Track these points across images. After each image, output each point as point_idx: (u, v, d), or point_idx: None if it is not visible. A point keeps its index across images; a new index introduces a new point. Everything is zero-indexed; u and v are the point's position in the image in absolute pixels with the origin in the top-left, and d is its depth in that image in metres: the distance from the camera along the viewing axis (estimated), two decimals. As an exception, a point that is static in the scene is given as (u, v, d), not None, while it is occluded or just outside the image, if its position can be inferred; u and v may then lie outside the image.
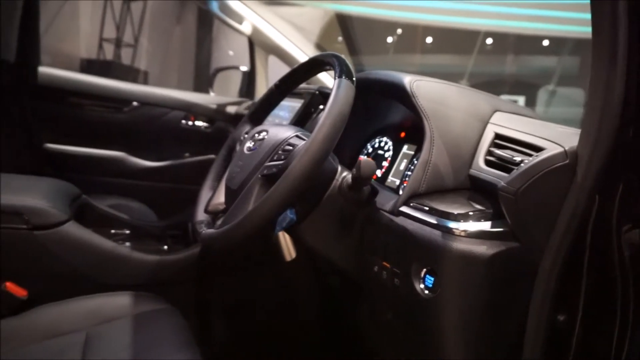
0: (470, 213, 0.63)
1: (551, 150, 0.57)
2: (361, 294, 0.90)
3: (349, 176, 0.75)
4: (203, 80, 6.63)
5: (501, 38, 6.18)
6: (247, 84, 1.98)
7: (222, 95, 2.04)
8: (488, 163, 0.70)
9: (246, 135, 0.89)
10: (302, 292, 1.20)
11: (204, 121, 1.89)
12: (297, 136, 0.73)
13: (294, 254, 0.90)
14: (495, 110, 0.78)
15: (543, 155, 0.57)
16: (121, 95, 1.79)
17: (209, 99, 1.91)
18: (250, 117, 0.95)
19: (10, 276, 0.95)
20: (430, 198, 0.69)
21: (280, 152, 0.72)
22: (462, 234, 0.61)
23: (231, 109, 1.88)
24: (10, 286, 0.94)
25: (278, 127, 0.79)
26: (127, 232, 1.28)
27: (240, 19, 1.78)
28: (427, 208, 0.67)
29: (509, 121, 0.75)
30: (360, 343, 1.05)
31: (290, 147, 0.71)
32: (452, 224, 0.62)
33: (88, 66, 5.17)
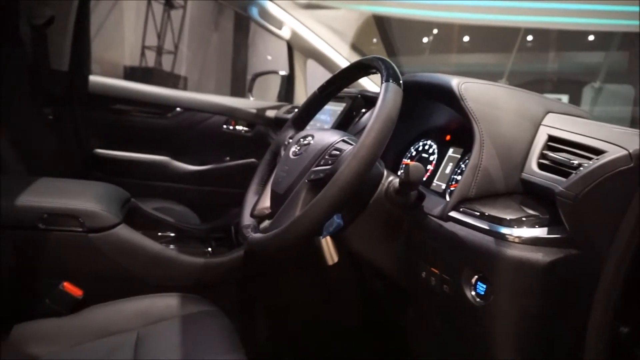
0: (524, 219, 0.61)
1: (613, 153, 0.55)
2: (407, 299, 0.88)
3: (396, 180, 0.74)
4: (240, 85, 6.76)
5: (543, 34, 5.97)
6: (285, 88, 2.00)
7: (261, 99, 2.06)
8: (542, 167, 0.68)
9: (290, 140, 0.90)
10: (345, 296, 1.20)
11: (244, 125, 1.93)
12: (343, 141, 0.73)
13: (336, 258, 0.90)
14: (548, 112, 0.75)
15: (605, 159, 0.54)
16: (165, 102, 1.85)
17: (249, 104, 1.95)
18: (293, 121, 0.95)
19: (67, 276, 1.00)
20: (481, 203, 0.67)
21: (327, 156, 0.72)
22: (516, 240, 0.59)
23: (271, 113, 1.90)
24: (67, 286, 0.98)
25: (323, 132, 0.79)
26: (173, 234, 1.32)
27: (279, 24, 1.80)
28: (477, 213, 0.65)
29: (563, 122, 0.72)
30: (405, 348, 1.04)
31: (337, 152, 0.71)
32: (505, 230, 0.60)
33: (131, 73, 5.37)
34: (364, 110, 1.11)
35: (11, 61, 1.44)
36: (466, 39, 6.58)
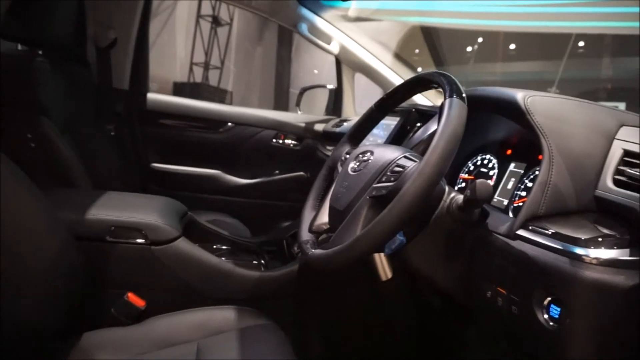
0: (601, 239, 0.58)
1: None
2: (468, 318, 0.86)
3: (458, 197, 0.72)
4: (282, 98, 6.88)
5: (595, 40, 5.71)
6: (333, 101, 2.01)
7: (308, 113, 2.09)
8: (618, 183, 0.64)
9: (347, 156, 0.90)
10: (399, 312, 1.18)
11: (293, 139, 1.96)
12: (405, 157, 0.73)
13: (389, 274, 0.89)
14: (621, 125, 0.72)
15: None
16: (217, 117, 1.91)
17: (297, 118, 1.98)
18: (349, 137, 0.96)
19: (131, 287, 1.04)
20: (551, 221, 0.65)
21: (388, 173, 0.72)
22: (594, 261, 0.56)
23: (319, 127, 1.92)
24: (131, 297, 1.02)
25: (383, 148, 0.79)
26: (227, 247, 1.35)
27: (328, 40, 1.82)
28: (549, 232, 0.63)
29: (640, 136, 0.68)
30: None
31: (400, 169, 0.71)
32: (580, 251, 0.57)
33: (180, 88, 5.59)
34: (418, 124, 1.10)
35: (79, 81, 1.53)
36: (512, 46, 6.41)
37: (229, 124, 1.91)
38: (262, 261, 1.31)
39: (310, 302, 1.16)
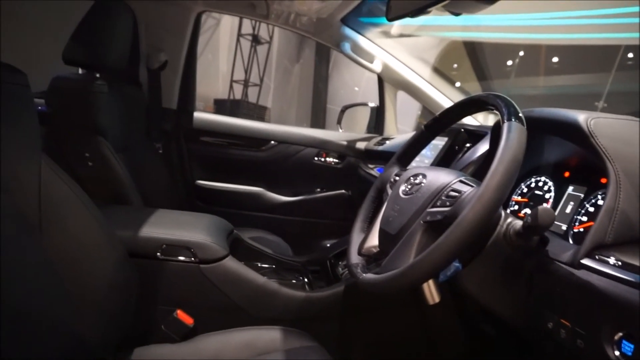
0: (678, 271, 0.54)
1: None
2: (525, 348, 0.82)
3: (516, 222, 0.70)
4: (319, 114, 6.94)
5: (647, 51, 5.46)
6: (375, 119, 2.01)
7: (349, 131, 2.09)
8: (693, 211, 0.61)
9: (397, 178, 0.89)
10: (447, 337, 1.15)
11: (334, 157, 1.96)
12: (461, 181, 0.71)
13: (437, 299, 0.86)
14: None
15: None
16: (261, 135, 1.94)
17: (339, 136, 1.98)
18: (398, 158, 0.95)
19: (180, 305, 1.06)
20: (620, 250, 0.61)
21: (443, 197, 0.70)
22: (672, 296, 0.52)
23: (361, 145, 1.92)
24: (180, 314, 1.04)
25: (436, 171, 0.78)
26: (271, 266, 1.36)
27: (371, 58, 1.83)
28: (619, 262, 0.59)
29: None
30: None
31: (456, 194, 0.69)
32: (655, 283, 0.54)
33: (220, 105, 5.74)
34: (468, 145, 1.07)
35: (132, 101, 1.60)
36: (555, 59, 6.23)
37: (272, 142, 1.94)
38: (306, 280, 1.31)
39: (356, 324, 1.14)
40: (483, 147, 1.03)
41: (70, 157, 1.28)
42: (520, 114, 0.67)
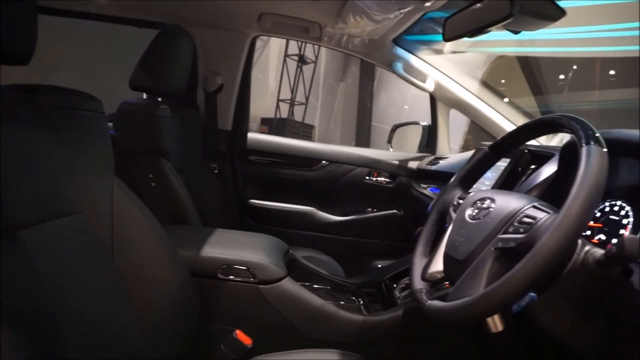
0: None
1: None
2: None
3: (596, 251, 0.66)
4: (364, 132, 6.94)
5: None
6: (427, 138, 1.98)
7: (399, 150, 2.08)
8: None
9: (460, 201, 0.87)
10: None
11: (386, 177, 1.95)
12: (534, 207, 0.68)
13: (500, 327, 0.83)
14: None
15: None
16: (312, 155, 1.96)
17: (390, 155, 1.97)
18: (460, 180, 0.93)
19: (238, 324, 1.07)
20: None
21: (516, 224, 0.68)
22: None
23: (413, 164, 1.90)
24: (239, 334, 1.05)
25: (506, 196, 0.75)
26: (328, 287, 1.35)
27: (423, 77, 1.82)
28: None
29: None
30: None
31: (530, 220, 0.66)
32: None
33: (267, 124, 5.86)
34: (532, 167, 1.04)
35: (191, 123, 1.67)
36: (612, 72, 5.94)
37: (323, 161, 1.95)
38: (362, 302, 1.30)
39: (414, 351, 1.11)
40: (549, 169, 0.99)
41: (136, 178, 1.34)
42: (599, 137, 0.64)
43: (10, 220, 0.61)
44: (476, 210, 0.77)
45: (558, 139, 1.59)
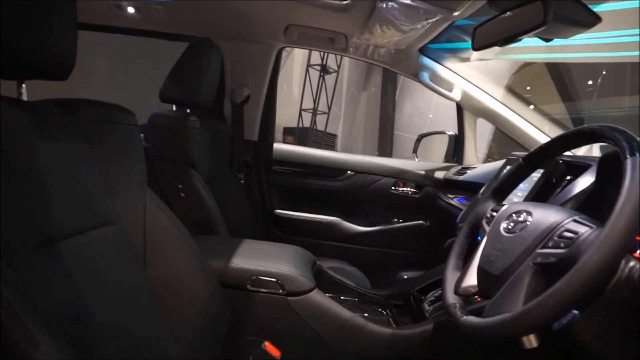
0: None
1: None
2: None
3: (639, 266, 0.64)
4: (386, 141, 6.90)
5: None
6: (453, 148, 1.96)
7: (425, 160, 2.06)
8: None
9: (494, 213, 0.85)
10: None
11: (412, 187, 1.93)
12: (575, 221, 0.66)
13: (535, 344, 0.80)
14: None
15: None
16: (337, 165, 1.96)
17: (416, 165, 1.95)
18: (493, 192, 0.91)
19: (267, 336, 1.06)
20: None
21: (556, 238, 0.66)
22: None
23: (439, 174, 1.87)
24: (268, 346, 1.05)
25: (543, 209, 0.73)
26: (355, 299, 1.34)
27: (450, 87, 1.80)
28: None
29: None
30: None
31: (571, 234, 0.64)
32: None
33: (290, 133, 5.89)
34: (568, 177, 1.00)
35: (218, 134, 1.69)
36: (644, 77, 5.77)
37: (349, 172, 1.95)
38: (390, 315, 1.28)
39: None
40: (585, 180, 0.96)
41: (166, 188, 1.36)
42: None
43: (52, 231, 0.63)
44: (512, 224, 0.75)
45: (586, 148, 1.54)
